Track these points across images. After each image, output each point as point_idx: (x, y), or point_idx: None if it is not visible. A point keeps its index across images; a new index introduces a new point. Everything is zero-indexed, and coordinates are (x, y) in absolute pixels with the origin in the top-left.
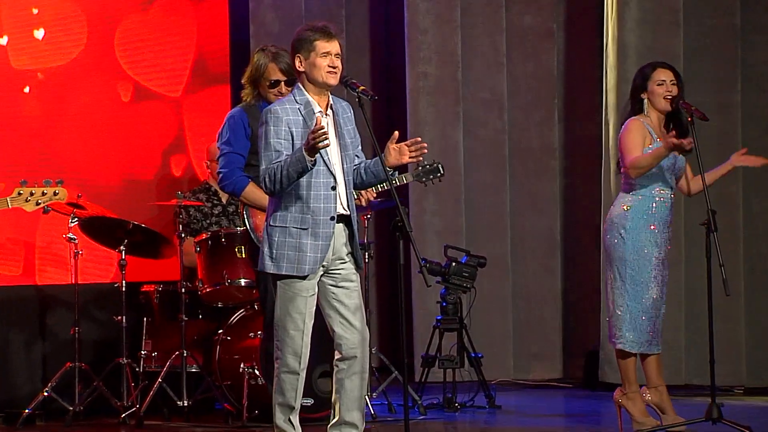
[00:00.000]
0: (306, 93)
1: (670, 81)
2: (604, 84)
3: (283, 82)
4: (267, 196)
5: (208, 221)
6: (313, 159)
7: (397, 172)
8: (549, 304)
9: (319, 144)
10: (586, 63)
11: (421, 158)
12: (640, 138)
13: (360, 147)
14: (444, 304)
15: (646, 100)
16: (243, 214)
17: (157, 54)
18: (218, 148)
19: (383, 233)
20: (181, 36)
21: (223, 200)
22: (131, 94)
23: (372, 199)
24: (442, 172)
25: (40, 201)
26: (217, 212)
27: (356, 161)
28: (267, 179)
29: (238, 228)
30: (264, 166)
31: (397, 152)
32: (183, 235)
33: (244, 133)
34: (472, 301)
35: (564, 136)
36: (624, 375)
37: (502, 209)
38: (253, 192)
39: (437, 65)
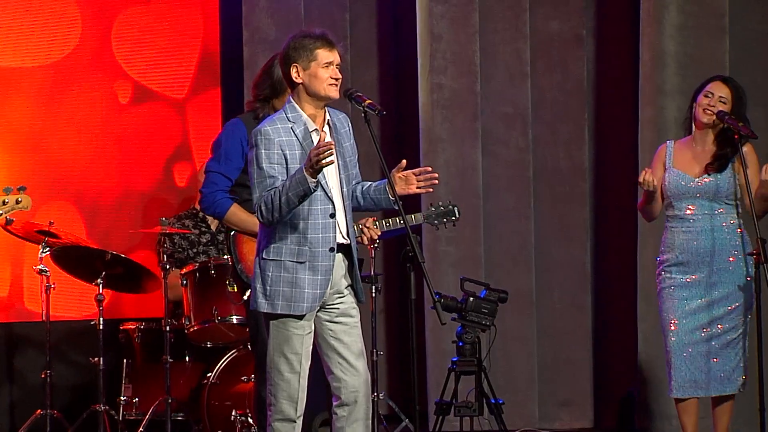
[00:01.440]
0: (299, 108)
1: (719, 96)
2: (640, 96)
3: None
4: (253, 220)
5: (195, 250)
6: (315, 180)
7: (401, 202)
8: (578, 343)
9: (323, 162)
10: (619, 73)
11: (431, 189)
12: (657, 168)
13: (356, 163)
14: (460, 343)
15: (693, 113)
16: (227, 241)
17: (159, 50)
18: (206, 165)
19: (392, 264)
20: (186, 30)
21: (212, 227)
22: (130, 95)
23: (376, 238)
24: (457, 215)
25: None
26: (205, 240)
27: (353, 182)
28: (263, 208)
29: (229, 258)
30: (257, 194)
31: (404, 181)
32: (167, 266)
33: (240, 153)
34: (492, 341)
35: (595, 156)
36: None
37: (525, 237)
38: (237, 214)
39: (453, 76)
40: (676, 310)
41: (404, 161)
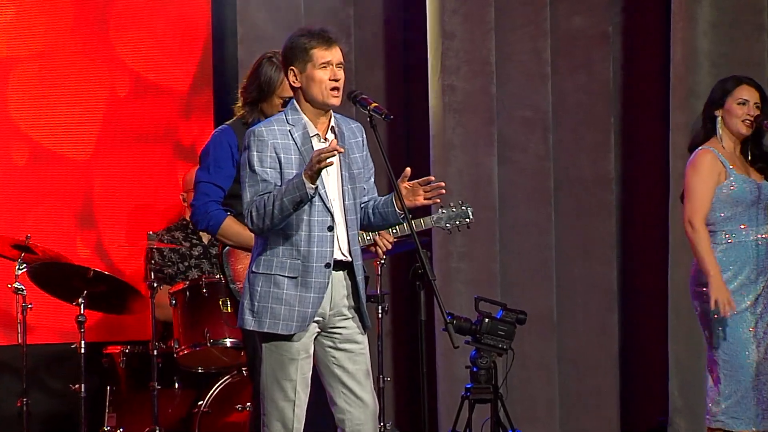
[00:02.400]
0: (301, 112)
1: (754, 103)
2: (671, 99)
3: None
4: (248, 233)
5: (186, 264)
6: (314, 186)
7: (410, 215)
8: (604, 369)
9: (323, 164)
10: (648, 74)
11: (438, 200)
12: (712, 178)
13: (372, 179)
14: (475, 369)
15: (719, 119)
16: (220, 258)
17: (160, 38)
18: (195, 175)
19: (400, 282)
20: (192, 15)
21: (204, 240)
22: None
23: (390, 247)
24: (470, 217)
25: None
26: (197, 254)
27: (365, 198)
28: (253, 213)
29: (219, 276)
30: (248, 198)
31: (410, 192)
32: (155, 284)
33: (230, 160)
34: (509, 366)
35: (622, 164)
36: None
37: (546, 253)
38: (232, 227)
39: (466, 77)
40: (749, 336)
41: (408, 169)
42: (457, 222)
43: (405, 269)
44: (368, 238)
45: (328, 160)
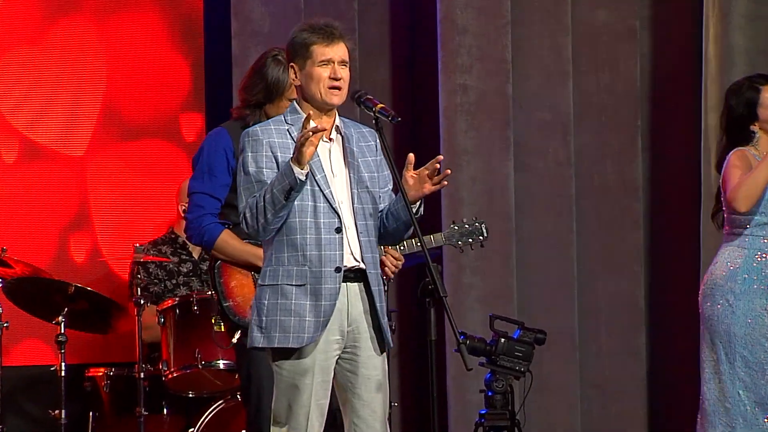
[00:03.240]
0: (301, 112)
1: None
2: (703, 100)
3: None
4: (248, 249)
5: (174, 281)
6: (304, 171)
7: (421, 209)
8: (630, 393)
9: (307, 141)
10: (678, 72)
11: (446, 182)
12: (747, 169)
13: (390, 187)
14: (490, 393)
15: (758, 133)
16: (211, 272)
17: (152, 29)
18: (188, 185)
19: (408, 299)
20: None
21: (195, 254)
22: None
23: (398, 266)
24: (485, 234)
25: None
26: (186, 270)
27: (383, 206)
28: (247, 215)
29: (211, 292)
30: (243, 203)
31: (417, 181)
32: (142, 301)
33: (226, 167)
34: (528, 390)
35: (650, 170)
36: None
37: (566, 267)
38: (229, 242)
39: (480, 75)
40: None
41: (412, 155)
42: (470, 239)
43: (413, 285)
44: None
45: (312, 138)
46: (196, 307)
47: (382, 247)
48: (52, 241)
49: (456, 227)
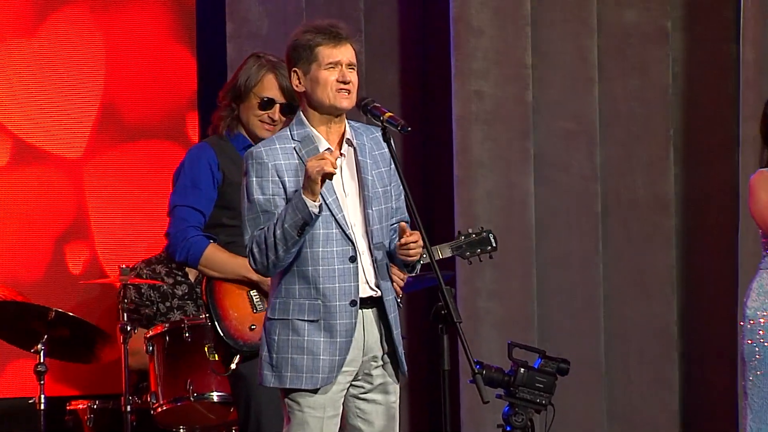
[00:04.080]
0: (308, 124)
1: None
2: (740, 108)
3: (278, 105)
4: (240, 261)
5: (167, 304)
6: (318, 203)
7: (417, 267)
8: (662, 428)
9: (327, 169)
10: (713, 78)
11: (421, 252)
12: None
13: (402, 203)
14: (508, 428)
15: None
16: (204, 293)
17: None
18: (170, 199)
19: (419, 325)
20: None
21: (191, 276)
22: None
23: (402, 285)
24: (493, 244)
25: None
26: (181, 293)
27: (393, 220)
28: (255, 250)
29: (205, 316)
30: (248, 234)
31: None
32: (128, 327)
33: (211, 181)
34: (550, 425)
35: (683, 185)
36: None
37: (592, 291)
38: (216, 254)
39: (498, 81)
40: None
41: (404, 224)
42: (479, 250)
43: (425, 310)
44: None
45: (327, 168)
46: (187, 334)
47: None
48: (46, 253)
49: (462, 237)
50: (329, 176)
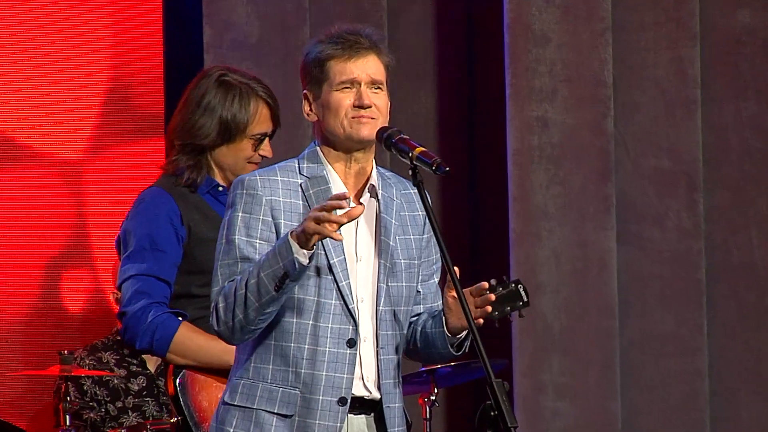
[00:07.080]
0: (323, 159)
1: None
2: None
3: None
4: (221, 345)
5: (118, 405)
6: (308, 252)
7: (466, 345)
8: None
9: (329, 219)
10: None
11: (490, 310)
12: None
13: (435, 280)
14: None
15: None
16: (170, 387)
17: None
18: (121, 265)
19: (461, 431)
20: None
21: (150, 366)
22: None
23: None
24: (524, 299)
25: None
26: (138, 388)
27: (419, 309)
28: (220, 304)
29: (176, 419)
30: (218, 286)
31: (457, 304)
32: None
33: (174, 238)
34: None
35: None
36: None
37: (695, 383)
38: (191, 339)
39: (568, 105)
40: None
41: (456, 268)
42: (508, 308)
43: (469, 408)
44: None
45: (337, 214)
46: None
47: None
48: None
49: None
50: (328, 233)
